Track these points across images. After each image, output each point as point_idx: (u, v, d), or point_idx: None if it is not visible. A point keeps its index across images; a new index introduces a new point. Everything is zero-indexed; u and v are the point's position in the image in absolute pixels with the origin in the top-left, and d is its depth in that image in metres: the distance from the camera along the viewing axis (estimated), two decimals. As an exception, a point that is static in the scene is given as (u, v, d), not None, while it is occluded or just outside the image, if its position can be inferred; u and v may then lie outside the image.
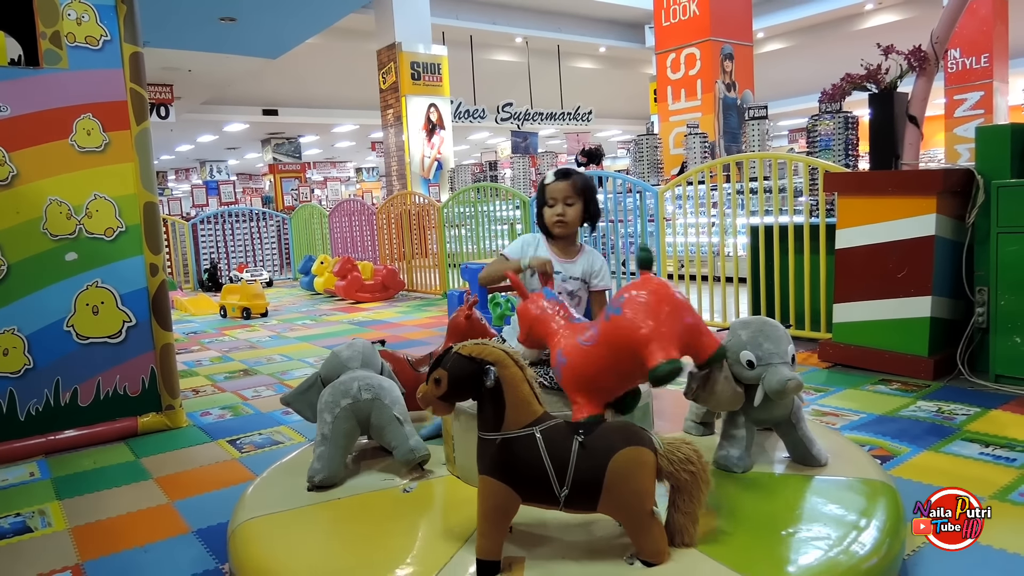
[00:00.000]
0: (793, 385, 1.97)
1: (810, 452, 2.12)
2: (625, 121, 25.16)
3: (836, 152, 6.65)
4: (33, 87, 3.16)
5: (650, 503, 1.63)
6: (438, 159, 13.05)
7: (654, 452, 1.63)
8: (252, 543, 1.92)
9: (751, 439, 2.14)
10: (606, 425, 1.73)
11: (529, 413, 1.68)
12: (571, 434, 1.66)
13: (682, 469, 1.63)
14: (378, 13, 12.67)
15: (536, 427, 1.66)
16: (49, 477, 2.89)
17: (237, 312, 7.27)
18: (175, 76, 13.87)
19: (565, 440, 1.65)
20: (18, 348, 3.13)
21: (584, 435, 1.65)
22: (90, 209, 3.28)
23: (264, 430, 3.38)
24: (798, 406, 2.13)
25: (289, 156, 23.04)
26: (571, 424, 1.72)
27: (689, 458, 1.64)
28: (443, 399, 1.69)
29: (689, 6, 10.90)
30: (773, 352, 2.03)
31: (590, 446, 1.64)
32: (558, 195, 2.40)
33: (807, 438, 2.13)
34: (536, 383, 1.73)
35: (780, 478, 2.11)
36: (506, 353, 1.69)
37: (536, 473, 1.63)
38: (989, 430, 2.82)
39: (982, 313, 3.54)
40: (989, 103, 11.97)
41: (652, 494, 1.63)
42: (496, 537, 1.66)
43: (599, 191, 6.31)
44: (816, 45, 17.22)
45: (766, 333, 2.06)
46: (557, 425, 1.69)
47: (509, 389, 1.66)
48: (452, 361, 1.68)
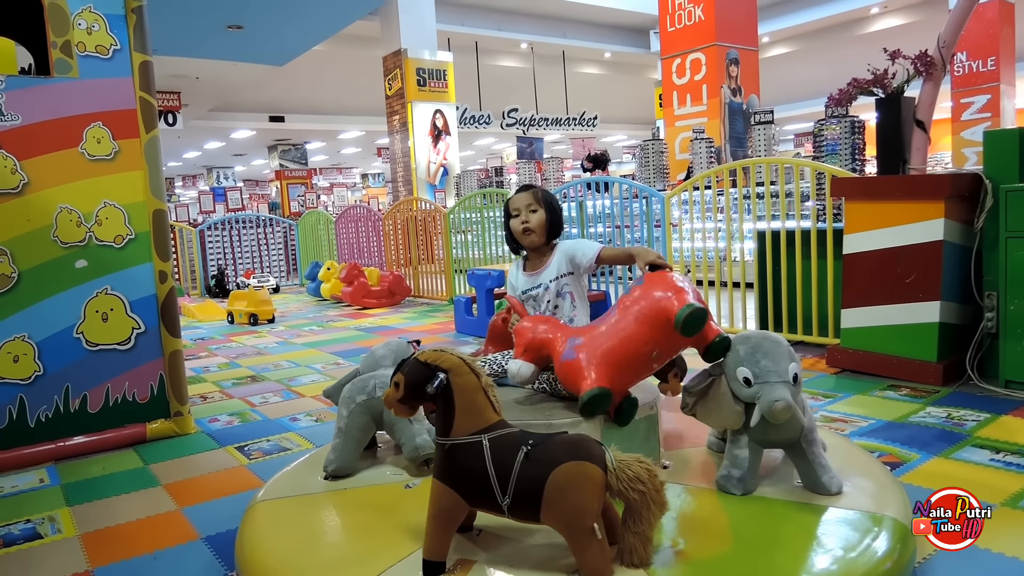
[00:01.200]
0: (778, 408, 1.85)
1: (819, 479, 1.97)
2: (631, 126, 25.17)
3: (843, 156, 6.64)
4: (44, 96, 3.18)
5: (591, 519, 1.58)
6: (444, 165, 13.07)
7: (603, 468, 1.60)
8: (257, 520, 2.12)
9: (755, 460, 2.04)
10: (559, 437, 1.70)
11: (480, 421, 1.71)
12: (520, 444, 1.67)
13: (630, 488, 1.59)
14: (384, 20, 12.71)
15: (485, 435, 1.69)
16: (59, 483, 2.90)
17: (244, 318, 7.29)
18: (183, 83, 13.95)
19: (512, 450, 1.66)
20: (28, 355, 3.15)
21: (533, 446, 1.66)
22: (100, 217, 3.30)
23: (272, 436, 3.39)
24: (810, 428, 2.00)
25: (295, 162, 23.12)
26: (524, 434, 1.71)
27: (639, 477, 1.59)
28: (401, 402, 1.75)
29: (694, 11, 10.91)
30: (771, 370, 1.92)
31: (534, 457, 1.64)
32: (521, 205, 2.45)
33: (818, 464, 1.99)
34: (494, 392, 1.76)
35: (780, 504, 1.98)
36: (463, 361, 1.73)
37: (480, 480, 1.66)
38: (999, 436, 2.81)
39: (991, 318, 3.53)
40: (996, 106, 11.94)
41: (594, 510, 1.59)
42: (441, 539, 1.70)
43: (605, 197, 6.32)
44: (822, 49, 17.22)
45: (765, 349, 1.96)
46: (508, 434, 1.70)
47: (460, 396, 1.70)
48: (409, 366, 1.74)
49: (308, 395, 4.15)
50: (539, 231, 2.43)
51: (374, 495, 2.23)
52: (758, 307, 4.84)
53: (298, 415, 3.74)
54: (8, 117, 3.10)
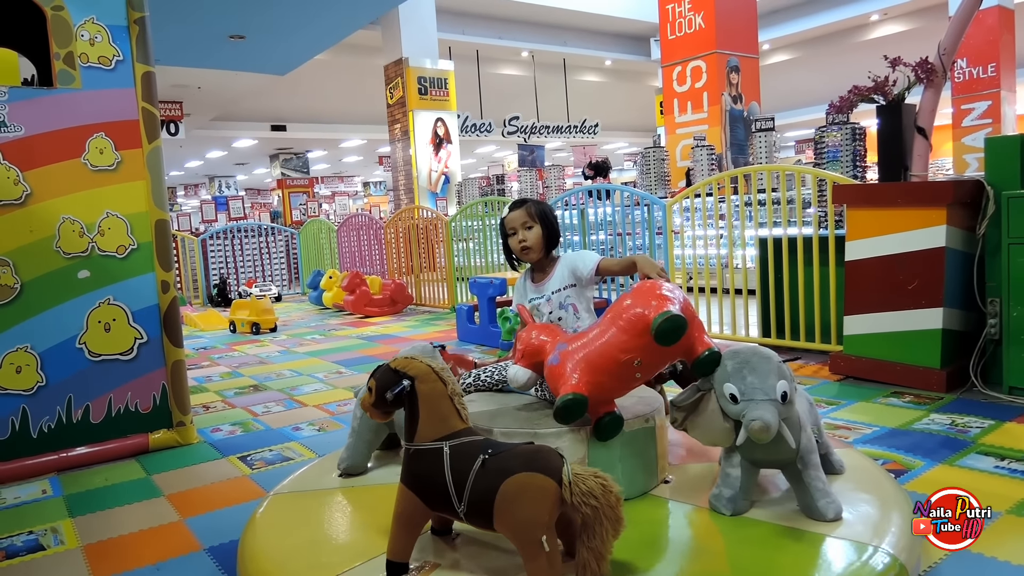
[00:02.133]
0: (754, 428, 1.77)
1: (814, 504, 1.88)
2: (632, 133, 25.21)
3: (844, 163, 6.65)
4: (47, 107, 3.19)
5: (540, 531, 1.58)
6: (445, 173, 13.09)
7: (558, 481, 1.59)
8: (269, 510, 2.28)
9: (747, 480, 1.97)
10: (519, 448, 1.70)
11: (443, 428, 1.75)
12: (479, 453, 1.68)
13: (584, 502, 1.57)
14: (385, 29, 12.77)
15: (447, 442, 1.73)
16: (61, 494, 2.90)
17: (246, 327, 7.29)
18: (185, 93, 14.00)
19: (470, 458, 1.68)
20: (31, 365, 3.15)
21: (490, 455, 1.67)
22: (102, 227, 3.31)
23: (275, 446, 3.39)
24: (808, 449, 1.91)
25: (297, 171, 23.17)
26: (485, 443, 1.72)
27: (592, 492, 1.57)
28: (375, 406, 1.80)
29: (695, 19, 10.94)
30: (757, 387, 1.84)
31: (489, 466, 1.65)
32: (516, 223, 2.47)
33: (815, 488, 1.89)
34: (460, 401, 1.79)
35: (770, 528, 1.89)
36: (431, 369, 1.78)
37: (439, 486, 1.70)
38: (1004, 443, 2.80)
39: (994, 324, 3.52)
40: (997, 112, 11.95)
41: (543, 522, 1.58)
42: (404, 540, 1.76)
43: (606, 204, 6.33)
44: (822, 56, 17.26)
45: (752, 365, 1.87)
46: (469, 442, 1.73)
47: (424, 403, 1.76)
48: (380, 372, 1.81)
49: (310, 404, 4.15)
50: (536, 247, 2.45)
51: (377, 494, 2.30)
52: (760, 314, 4.84)
53: (301, 424, 3.73)
54: (11, 128, 3.11)
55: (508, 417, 2.20)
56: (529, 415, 2.21)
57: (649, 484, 2.19)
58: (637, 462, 2.15)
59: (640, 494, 2.16)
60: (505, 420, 2.17)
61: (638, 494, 2.15)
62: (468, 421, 1.80)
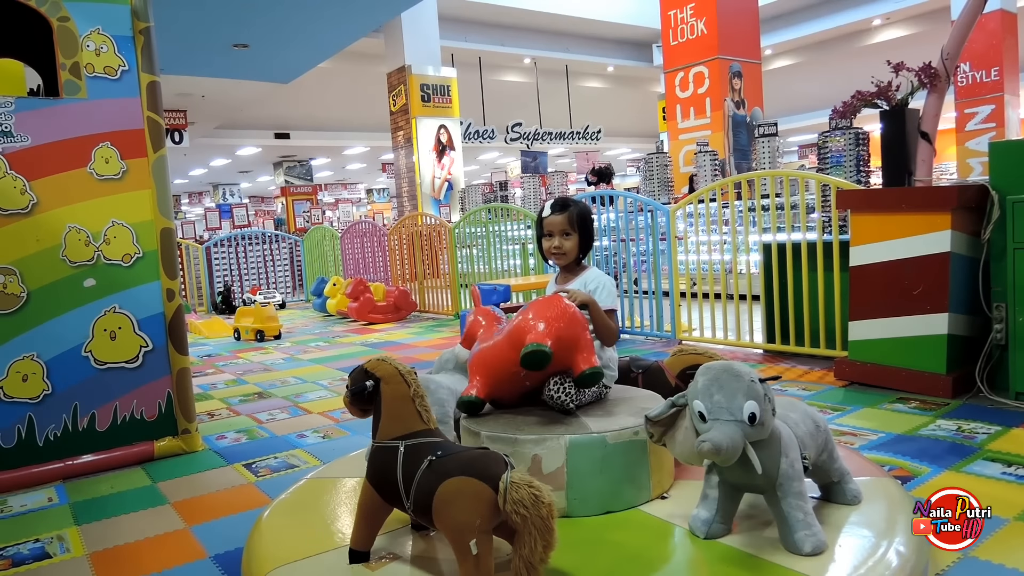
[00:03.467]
0: (703, 450, 1.70)
1: (790, 536, 1.78)
2: (634, 139, 25.24)
3: (847, 168, 6.63)
4: (53, 117, 3.21)
5: (471, 535, 1.62)
6: (448, 180, 13.12)
7: (494, 488, 1.62)
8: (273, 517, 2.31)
9: (726, 502, 1.91)
10: (467, 452, 1.77)
11: (402, 428, 1.85)
12: (429, 454, 1.77)
13: (514, 511, 1.59)
14: (388, 37, 12.81)
15: (404, 441, 1.82)
16: (67, 502, 2.90)
17: (251, 334, 7.30)
18: (189, 102, 14.07)
19: (420, 459, 1.77)
20: (37, 374, 3.16)
21: (438, 457, 1.75)
22: (108, 236, 3.32)
23: (279, 453, 3.39)
24: (788, 476, 1.79)
25: (301, 178, 23.24)
26: (437, 445, 1.80)
27: (522, 501, 1.59)
28: (350, 404, 1.93)
29: (697, 25, 10.96)
30: (722, 406, 1.75)
31: (433, 468, 1.73)
32: (555, 228, 2.48)
33: (793, 518, 1.78)
34: (423, 403, 1.89)
35: (741, 556, 1.81)
36: (397, 371, 1.89)
37: (392, 483, 1.80)
38: (1011, 449, 2.79)
39: (1000, 330, 3.51)
40: (1000, 116, 11.94)
41: (475, 526, 1.62)
42: (364, 532, 1.88)
43: (610, 210, 6.33)
44: (824, 61, 17.27)
45: (721, 383, 1.78)
46: (424, 444, 1.81)
47: (386, 403, 1.87)
48: (354, 372, 1.94)
49: (315, 411, 4.15)
50: (571, 255, 2.50)
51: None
52: (764, 320, 4.83)
53: (305, 432, 3.74)
54: (17, 138, 3.13)
55: (497, 422, 2.23)
56: (518, 420, 2.23)
57: (637, 498, 2.14)
58: (621, 475, 2.11)
59: (626, 508, 2.12)
60: (493, 424, 2.21)
61: (623, 508, 2.12)
62: (431, 423, 1.88)
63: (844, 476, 2.06)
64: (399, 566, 1.87)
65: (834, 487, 2.06)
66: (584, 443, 2.08)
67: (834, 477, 2.05)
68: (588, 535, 2.00)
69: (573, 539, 1.93)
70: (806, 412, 2.02)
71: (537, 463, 2.09)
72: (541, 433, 2.10)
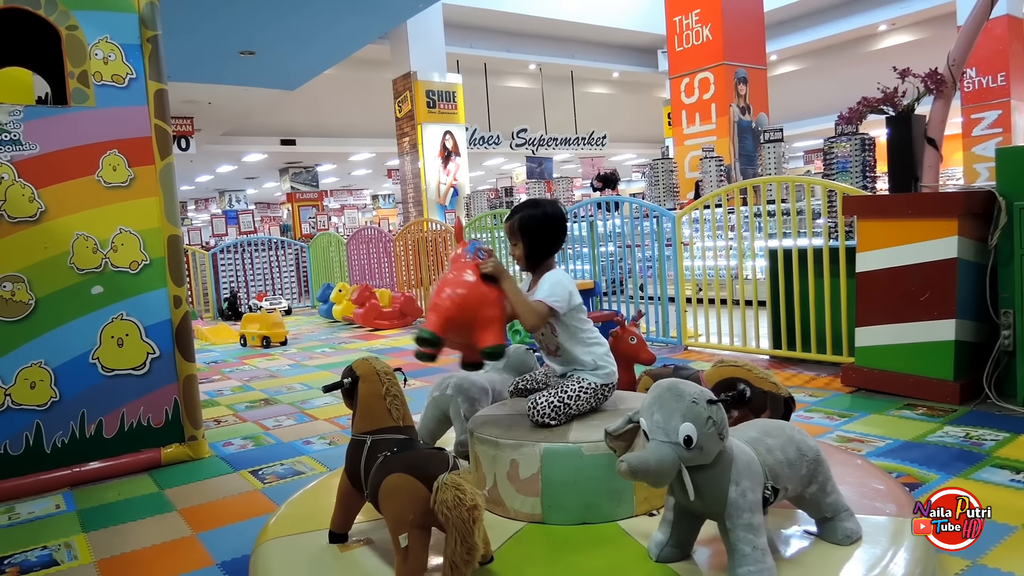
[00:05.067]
0: (620, 469, 1.63)
1: (733, 570, 1.68)
2: (640, 145, 25.23)
3: (853, 174, 6.63)
4: (61, 125, 3.23)
5: (402, 529, 1.75)
6: (454, 185, 13.13)
7: (429, 487, 1.70)
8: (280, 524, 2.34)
9: (681, 527, 1.83)
10: (415, 451, 1.90)
11: (372, 423, 1.98)
12: (386, 449, 1.90)
13: (439, 511, 1.67)
14: (394, 43, 12.85)
15: (371, 436, 1.96)
16: (74, 509, 2.91)
17: (257, 341, 7.32)
18: (195, 109, 14.13)
19: (378, 454, 1.90)
20: (45, 381, 3.17)
21: (393, 453, 1.88)
22: (115, 243, 3.34)
23: (286, 460, 3.39)
24: (737, 506, 1.68)
25: (306, 185, 23.28)
26: (395, 442, 1.93)
27: (446, 502, 1.66)
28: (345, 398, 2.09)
29: (702, 31, 10.97)
30: (660, 426, 1.67)
31: (384, 463, 1.87)
32: (507, 235, 2.48)
33: (739, 552, 1.67)
34: (394, 401, 1.99)
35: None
36: (375, 371, 2.03)
37: (357, 473, 1.96)
38: (1020, 456, 2.77)
39: (1008, 336, 3.50)
40: (1007, 122, 11.92)
41: (407, 521, 1.74)
42: (340, 516, 2.07)
43: (615, 216, 6.33)
44: (830, 67, 17.25)
45: (663, 402, 1.69)
46: (387, 440, 1.94)
47: (361, 400, 2.02)
48: (344, 369, 2.10)
49: (321, 418, 4.16)
50: (521, 262, 2.44)
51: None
52: (771, 326, 4.82)
53: (312, 438, 3.74)
54: (26, 146, 3.15)
55: (495, 424, 2.30)
56: (512, 422, 2.29)
57: (617, 513, 2.10)
58: (599, 487, 2.07)
59: (605, 521, 2.09)
60: (487, 426, 2.28)
61: (601, 520, 2.09)
62: (400, 421, 1.99)
63: (840, 513, 1.88)
64: (367, 550, 2.02)
65: (826, 523, 1.89)
66: (559, 452, 2.08)
67: (827, 512, 1.88)
68: (547, 543, 2.03)
69: (529, 545, 2.02)
70: (791, 439, 1.84)
71: (515, 468, 2.13)
72: (520, 439, 2.14)
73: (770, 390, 2.30)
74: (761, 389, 2.30)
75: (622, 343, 2.85)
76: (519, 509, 2.15)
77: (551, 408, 2.22)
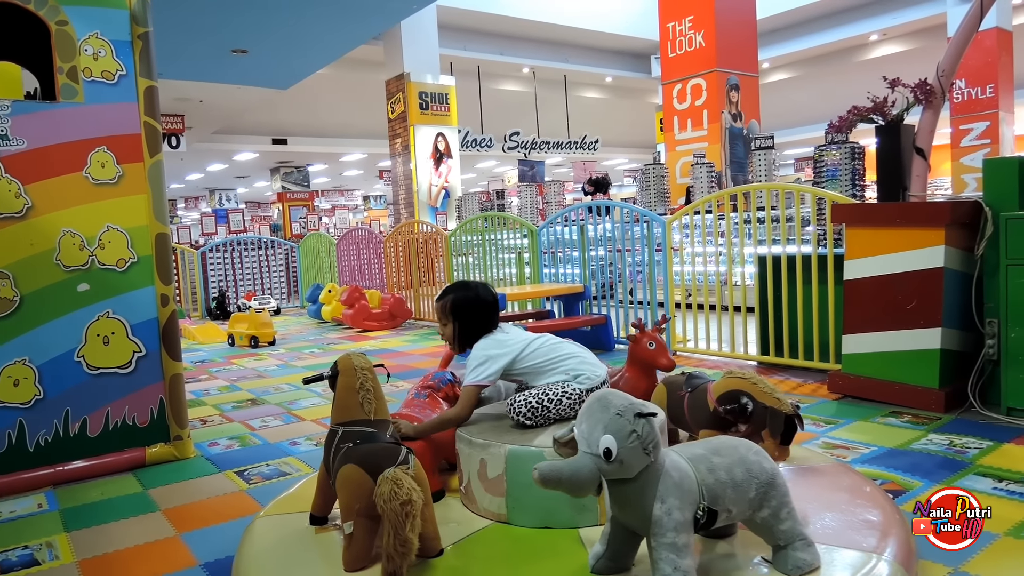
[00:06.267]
0: (533, 476, 1.64)
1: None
2: (632, 150, 25.31)
3: (843, 182, 6.67)
4: (49, 121, 3.21)
5: (348, 517, 1.90)
6: (445, 187, 13.13)
7: (376, 479, 1.83)
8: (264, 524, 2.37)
9: (616, 540, 1.79)
10: (374, 444, 2.00)
11: (346, 415, 2.10)
12: (350, 440, 2.02)
13: (377, 502, 1.80)
14: (387, 44, 12.84)
15: (344, 427, 2.08)
16: (57, 509, 2.89)
17: (245, 340, 7.29)
18: (187, 107, 14.07)
19: (343, 444, 2.02)
20: (29, 379, 3.15)
21: (355, 444, 1.99)
22: (103, 240, 3.31)
23: (272, 461, 3.38)
24: (660, 524, 1.64)
25: (298, 184, 23.23)
26: (357, 434, 2.03)
27: (383, 494, 1.79)
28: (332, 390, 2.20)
29: (695, 37, 11.02)
30: (584, 437, 1.66)
31: (344, 453, 1.99)
32: (437, 315, 2.56)
33: (659, 570, 1.63)
34: (366, 395, 2.10)
35: None
36: (353, 367, 2.15)
37: (328, 462, 2.09)
38: (1002, 464, 2.79)
39: (993, 345, 3.52)
40: (995, 133, 12.03)
41: (353, 510, 1.89)
42: (319, 500, 2.20)
43: (606, 220, 6.34)
44: (821, 75, 17.37)
45: (591, 411, 1.68)
46: (356, 431, 2.05)
47: (339, 392, 2.15)
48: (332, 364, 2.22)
49: (308, 419, 4.14)
50: (450, 342, 2.52)
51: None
52: (759, 332, 4.84)
53: (298, 439, 3.72)
54: (13, 142, 3.12)
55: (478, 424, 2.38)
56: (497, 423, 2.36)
57: (579, 520, 2.10)
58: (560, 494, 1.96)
59: (566, 527, 2.09)
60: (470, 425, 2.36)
61: (562, 526, 2.09)
62: (371, 414, 2.09)
63: (793, 541, 1.76)
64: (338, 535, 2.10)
65: (779, 552, 1.78)
66: (522, 455, 2.12)
67: (779, 540, 1.77)
68: (503, 543, 2.08)
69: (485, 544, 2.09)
70: (741, 459, 1.76)
71: (484, 467, 2.18)
72: (490, 439, 2.21)
73: (772, 405, 2.25)
74: (763, 404, 2.27)
75: (640, 347, 2.76)
76: (487, 508, 2.22)
77: (528, 408, 2.26)
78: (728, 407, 2.31)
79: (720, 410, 2.33)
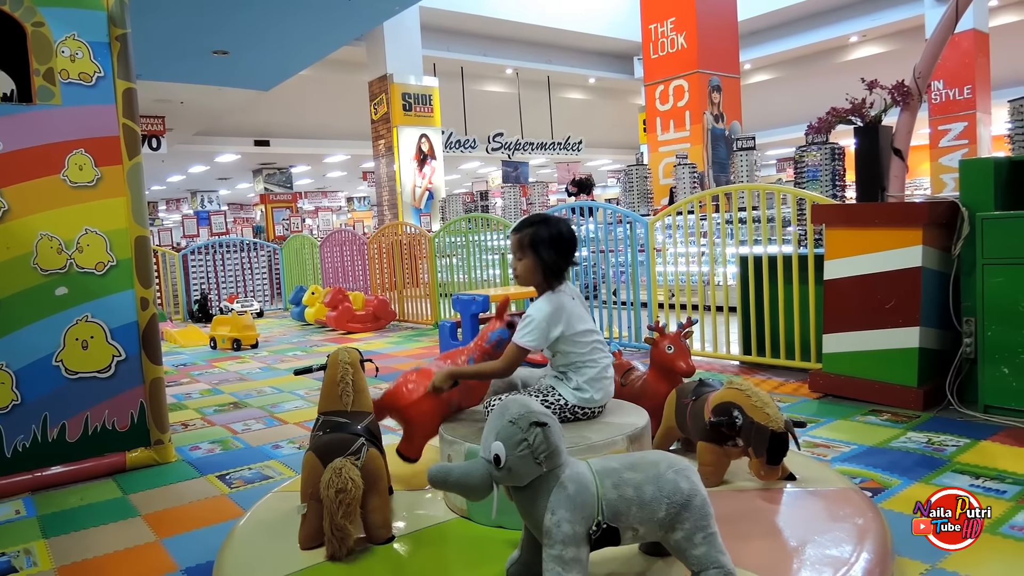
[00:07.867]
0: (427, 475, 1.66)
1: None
2: (615, 151, 25.39)
3: (823, 183, 6.71)
4: (26, 123, 3.17)
5: (304, 499, 2.06)
6: (429, 189, 13.12)
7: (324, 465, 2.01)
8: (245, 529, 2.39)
9: (526, 543, 1.77)
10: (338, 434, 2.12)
11: (328, 405, 2.26)
12: (321, 430, 2.17)
13: (320, 489, 1.98)
14: (370, 45, 12.82)
15: (323, 416, 2.24)
16: (35, 515, 2.85)
17: (227, 343, 7.23)
18: (167, 108, 13.95)
19: (317, 432, 2.19)
20: (6, 384, 3.11)
21: (325, 432, 2.15)
22: (81, 244, 3.28)
23: (254, 464, 3.36)
24: (549, 536, 1.62)
25: (280, 186, 23.10)
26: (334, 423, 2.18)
27: (323, 482, 1.97)
28: None
29: (677, 39, 11.07)
30: (483, 442, 1.67)
31: (311, 441, 2.16)
32: (512, 249, 2.39)
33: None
34: (346, 387, 2.24)
35: None
36: (338, 360, 2.30)
37: None
38: (979, 461, 2.83)
39: (970, 344, 3.57)
40: (973, 133, 12.18)
41: (308, 493, 2.04)
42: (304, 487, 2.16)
43: (589, 221, 6.35)
44: (802, 76, 17.52)
45: (492, 417, 1.70)
46: (332, 421, 2.19)
47: (323, 383, 2.31)
48: None
49: (291, 422, 4.12)
50: (525, 278, 2.34)
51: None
52: (741, 331, 4.87)
53: (281, 443, 3.70)
54: (-10, 144, 3.08)
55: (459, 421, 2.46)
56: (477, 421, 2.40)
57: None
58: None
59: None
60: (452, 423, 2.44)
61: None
62: (348, 406, 2.23)
63: (706, 569, 1.64)
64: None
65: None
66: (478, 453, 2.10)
67: (692, 565, 1.66)
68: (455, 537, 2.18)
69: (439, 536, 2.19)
70: (657, 477, 1.67)
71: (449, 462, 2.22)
72: (456, 437, 2.29)
73: (760, 421, 2.20)
74: (751, 419, 2.22)
75: (658, 351, 2.72)
76: (454, 502, 2.33)
77: None
78: (716, 420, 2.27)
79: (712, 422, 2.29)
